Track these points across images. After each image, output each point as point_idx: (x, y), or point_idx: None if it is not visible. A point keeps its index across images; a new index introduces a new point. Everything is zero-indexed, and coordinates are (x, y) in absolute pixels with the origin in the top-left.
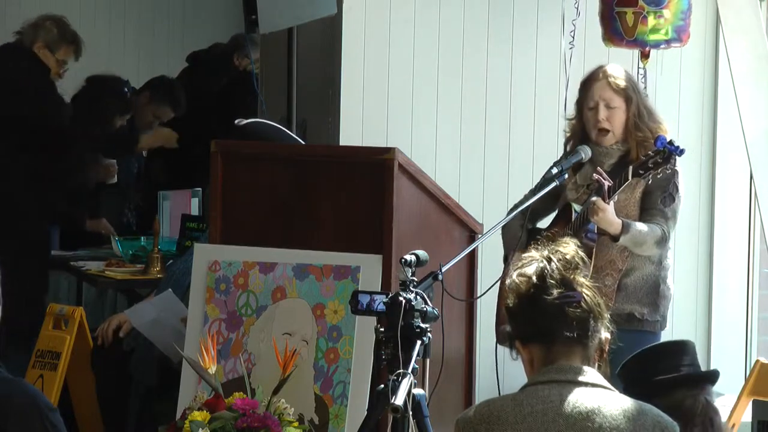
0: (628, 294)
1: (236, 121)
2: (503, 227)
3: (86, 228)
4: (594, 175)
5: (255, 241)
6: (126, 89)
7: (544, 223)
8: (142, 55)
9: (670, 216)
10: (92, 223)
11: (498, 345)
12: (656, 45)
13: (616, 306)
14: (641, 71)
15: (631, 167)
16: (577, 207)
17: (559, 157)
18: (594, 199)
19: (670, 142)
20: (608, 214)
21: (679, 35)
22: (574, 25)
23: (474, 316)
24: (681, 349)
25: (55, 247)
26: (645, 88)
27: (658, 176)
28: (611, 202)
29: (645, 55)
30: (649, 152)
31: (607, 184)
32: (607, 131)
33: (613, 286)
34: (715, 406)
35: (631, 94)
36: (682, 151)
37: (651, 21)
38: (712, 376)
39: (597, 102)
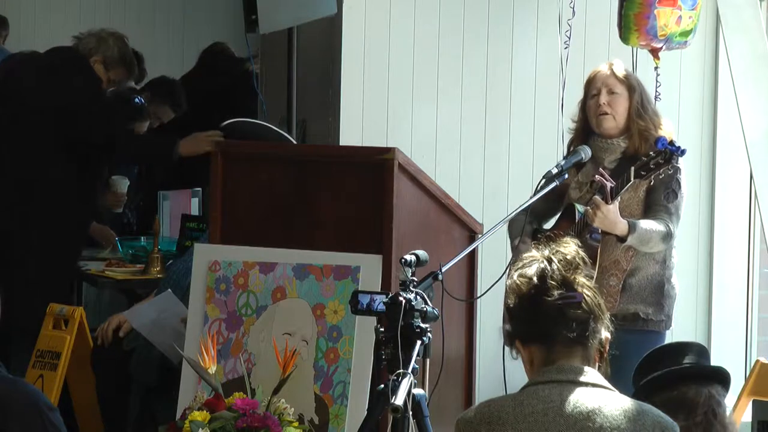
0: (632, 294)
1: (221, 125)
2: (509, 224)
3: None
4: (596, 176)
5: (255, 241)
6: (137, 99)
7: (549, 225)
8: (142, 55)
9: (673, 212)
10: (96, 229)
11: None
12: (678, 45)
13: (621, 306)
14: (657, 71)
15: (633, 168)
16: (580, 207)
17: (561, 158)
18: (595, 198)
19: (671, 143)
20: (611, 215)
21: (693, 37)
22: (569, 26)
23: (474, 316)
24: (685, 348)
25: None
26: (659, 86)
27: (660, 177)
28: (614, 204)
29: (656, 55)
30: (651, 153)
31: (609, 185)
32: (607, 114)
33: (618, 286)
34: (720, 400)
35: (634, 84)
36: (683, 152)
37: (684, 22)
38: (720, 375)
39: (600, 88)
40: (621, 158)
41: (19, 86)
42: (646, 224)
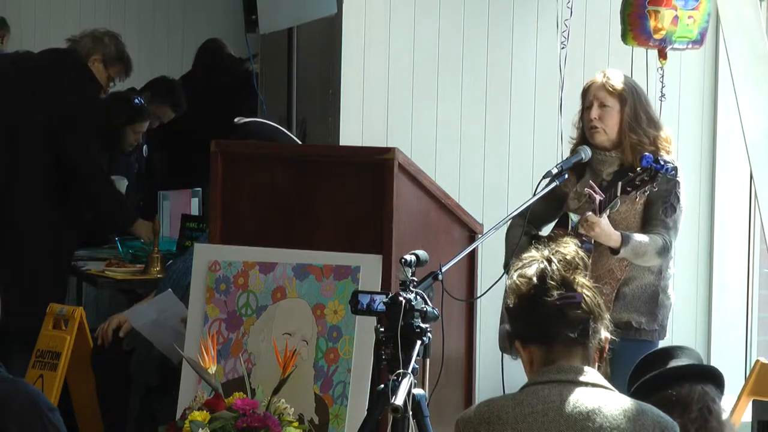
0: (626, 303)
1: (236, 120)
2: (507, 235)
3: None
4: (586, 189)
5: (255, 241)
6: (137, 99)
7: (547, 230)
8: (142, 55)
9: (671, 226)
10: (139, 226)
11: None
12: (680, 45)
13: (614, 315)
14: (660, 71)
15: (620, 183)
16: (574, 217)
17: (561, 159)
18: (587, 214)
19: (656, 161)
20: (604, 228)
21: (702, 38)
22: (567, 26)
23: (474, 316)
24: (677, 351)
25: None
26: (663, 87)
27: (645, 194)
28: (605, 216)
29: (663, 56)
30: (637, 169)
31: (598, 198)
32: (597, 128)
33: (612, 294)
34: (714, 397)
35: (626, 97)
36: (668, 170)
37: (682, 22)
38: (712, 374)
39: (591, 101)
40: (618, 170)
41: (14, 86)
42: (640, 237)
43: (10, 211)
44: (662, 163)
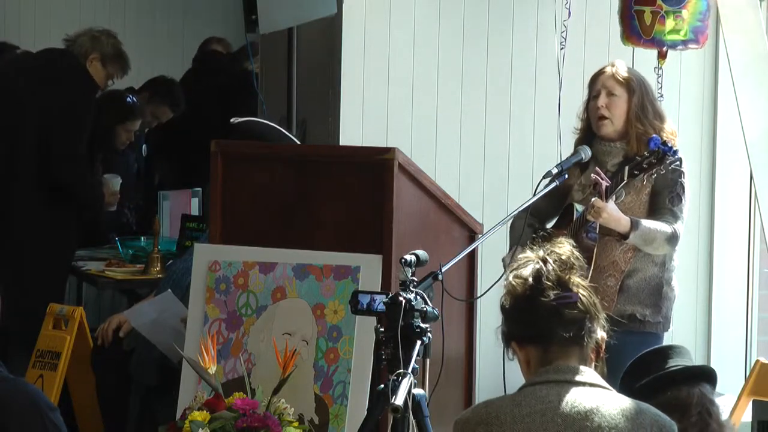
0: (630, 295)
1: (231, 120)
2: (510, 228)
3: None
4: (592, 175)
5: (255, 241)
6: (129, 98)
7: (552, 224)
8: (142, 55)
9: (679, 215)
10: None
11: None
12: (674, 45)
13: (618, 307)
14: (659, 71)
15: (627, 167)
16: (579, 207)
17: (561, 158)
18: (594, 200)
19: (664, 143)
20: (612, 213)
21: (697, 36)
22: (565, 26)
23: (474, 316)
24: (668, 352)
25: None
26: (660, 87)
27: (653, 177)
28: (611, 201)
29: (662, 55)
30: (644, 153)
31: (604, 184)
32: (605, 118)
33: (615, 287)
34: (712, 398)
35: (634, 87)
36: (675, 152)
37: (669, 21)
38: (706, 373)
39: (599, 90)
40: (623, 161)
41: (14, 86)
42: (650, 223)
43: (10, 210)
44: (669, 145)
